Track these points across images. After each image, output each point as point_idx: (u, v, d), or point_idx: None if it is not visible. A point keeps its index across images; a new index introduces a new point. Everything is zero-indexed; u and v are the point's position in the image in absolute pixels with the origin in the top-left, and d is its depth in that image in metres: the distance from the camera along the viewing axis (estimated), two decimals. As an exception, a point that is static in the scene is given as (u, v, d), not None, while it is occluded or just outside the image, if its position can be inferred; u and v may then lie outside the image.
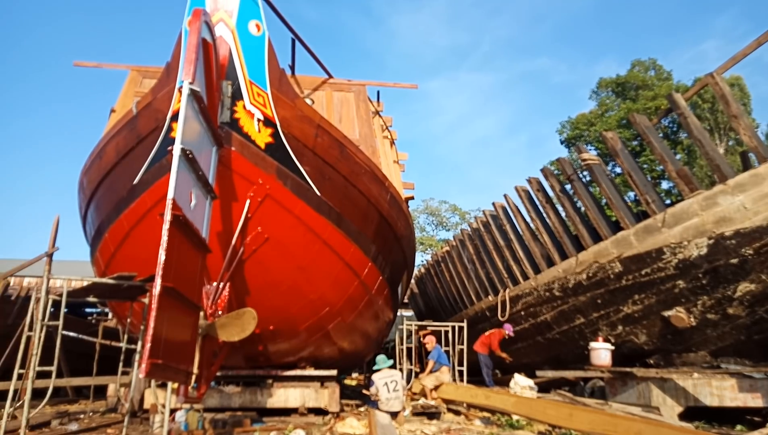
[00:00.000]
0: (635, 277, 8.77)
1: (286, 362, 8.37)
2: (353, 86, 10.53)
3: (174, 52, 6.34)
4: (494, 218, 13.00)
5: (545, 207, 11.17)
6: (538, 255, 11.40)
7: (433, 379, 10.19)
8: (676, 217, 8.09)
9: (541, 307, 11.10)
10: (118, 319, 9.39)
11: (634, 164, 9.61)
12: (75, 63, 9.99)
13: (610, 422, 5.11)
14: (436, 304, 18.23)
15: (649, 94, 27.91)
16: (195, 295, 5.24)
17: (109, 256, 7.50)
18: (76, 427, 7.06)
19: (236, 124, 6.26)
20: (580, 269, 9.72)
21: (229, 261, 6.39)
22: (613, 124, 27.04)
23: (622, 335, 9.57)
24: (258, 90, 6.37)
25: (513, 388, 9.38)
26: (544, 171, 11.06)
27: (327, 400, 8.03)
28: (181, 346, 4.81)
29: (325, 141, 7.00)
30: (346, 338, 9.04)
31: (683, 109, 8.46)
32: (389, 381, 8.19)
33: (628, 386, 8.27)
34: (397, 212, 8.92)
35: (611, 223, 10.07)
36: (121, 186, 6.89)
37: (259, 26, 6.38)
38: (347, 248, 7.61)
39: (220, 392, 7.68)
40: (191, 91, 5.03)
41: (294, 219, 6.83)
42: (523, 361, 11.93)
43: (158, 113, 6.40)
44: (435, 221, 42.81)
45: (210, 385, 6.99)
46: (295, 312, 7.52)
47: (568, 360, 10.79)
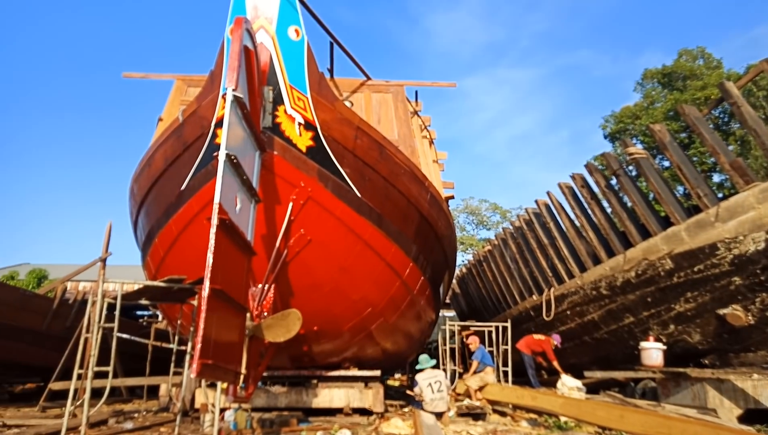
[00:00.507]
0: (687, 274, 8.44)
1: (330, 363, 8.45)
2: (391, 87, 10.55)
3: (217, 60, 6.51)
4: (537, 216, 12.76)
5: (590, 203, 10.88)
6: (584, 253, 11.12)
7: (478, 380, 10.08)
8: (731, 210, 7.75)
9: (588, 306, 10.82)
10: (168, 321, 9.70)
11: (684, 157, 9.26)
12: (124, 74, 10.38)
13: (664, 424, 4.93)
14: (478, 304, 18.04)
15: (697, 84, 26.80)
16: (242, 297, 5.36)
17: (159, 260, 7.76)
18: (131, 426, 7.33)
19: (278, 129, 6.37)
20: (629, 267, 9.43)
21: (273, 263, 6.51)
22: (659, 117, 26.10)
23: (674, 334, 9.23)
24: (298, 94, 6.47)
25: (560, 389, 9.18)
26: (589, 166, 10.78)
27: (371, 400, 8.06)
28: (230, 347, 4.93)
29: (364, 142, 7.04)
30: (389, 338, 9.05)
31: (736, 98, 8.09)
32: (433, 381, 8.16)
33: (682, 387, 7.96)
34: (438, 212, 8.88)
35: (660, 219, 9.72)
36: (169, 192, 7.12)
37: (299, 31, 6.47)
38: (388, 248, 7.63)
39: (267, 392, 7.82)
40: (234, 98, 5.16)
41: (335, 220, 6.90)
42: (569, 362, 11.66)
43: (203, 120, 6.58)
44: (475, 220, 42.38)
45: (257, 385, 7.14)
46: (338, 313, 7.59)
47: (617, 360, 10.49)
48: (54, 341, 10.84)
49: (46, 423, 7.35)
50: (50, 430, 6.80)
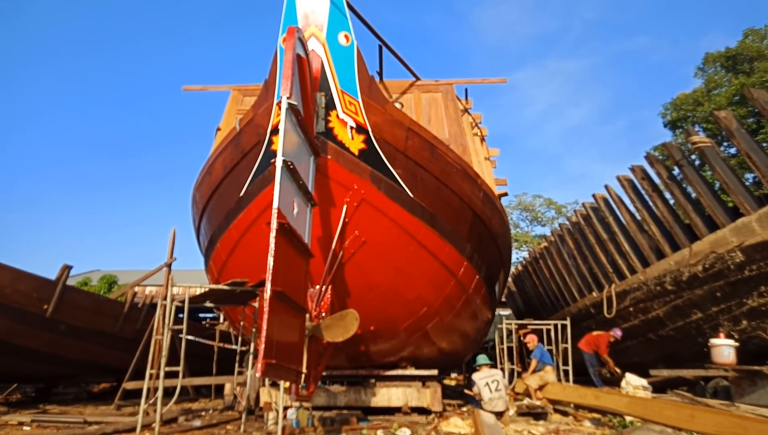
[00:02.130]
0: (760, 267, 7.99)
1: (387, 362, 8.53)
2: (440, 86, 10.53)
3: (271, 70, 6.71)
4: (595, 211, 12.40)
5: (652, 196, 10.47)
6: (646, 247, 10.72)
7: (537, 379, 9.91)
8: (807, 198, 7.29)
9: (652, 302, 10.43)
10: (231, 323, 10.07)
11: (753, 144, 8.75)
12: (184, 88, 10.87)
13: (740, 425, 4.70)
14: (535, 301, 17.70)
15: (766, 66, 25.23)
16: (301, 298, 5.50)
17: (221, 264, 8.07)
18: (199, 423, 7.66)
19: (331, 133, 6.50)
20: (695, 260, 9.02)
21: (330, 265, 6.64)
22: (723, 102, 24.73)
23: (747, 331, 8.76)
24: (349, 98, 6.58)
25: (625, 388, 8.89)
26: (649, 157, 10.38)
27: (429, 399, 8.08)
28: (291, 347, 5.08)
29: (415, 143, 7.07)
30: (445, 338, 9.04)
31: (809, 79, 7.60)
32: (490, 381, 8.09)
33: (758, 386, 7.55)
34: (491, 209, 8.80)
35: (728, 210, 9.23)
36: (229, 198, 7.39)
37: (348, 37, 6.58)
38: (442, 248, 7.63)
39: (327, 391, 7.98)
40: (289, 105, 5.31)
41: (389, 221, 6.96)
42: (633, 360, 11.28)
43: (259, 128, 6.80)
44: (529, 217, 41.54)
45: (317, 385, 7.30)
46: (394, 312, 7.65)
47: (684, 358, 10.06)
48: (126, 343, 11.45)
49: (123, 420, 7.80)
50: (127, 427, 7.21)
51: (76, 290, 12.01)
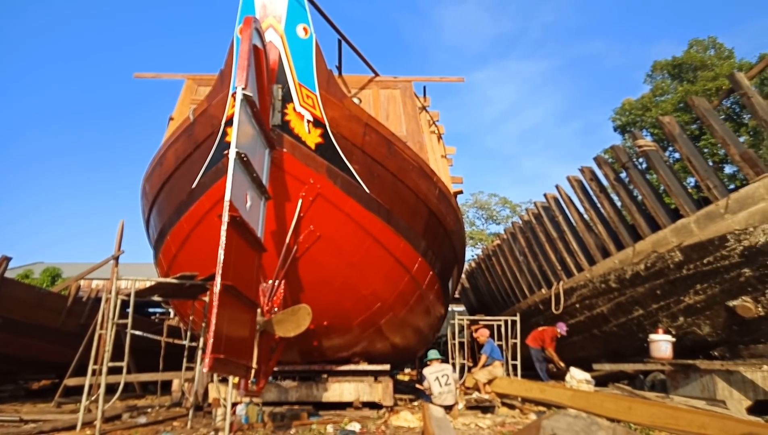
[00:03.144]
0: (697, 266, 8.43)
1: (340, 357, 8.54)
2: (399, 83, 10.58)
3: (227, 60, 6.59)
4: (546, 210, 12.76)
5: (599, 196, 10.87)
6: (593, 246, 11.12)
7: (486, 374, 10.14)
8: (741, 202, 7.72)
9: (597, 299, 10.83)
10: (180, 318, 9.84)
11: (694, 149, 9.22)
12: (135, 75, 10.51)
13: (672, 415, 4.97)
14: (487, 298, 18.07)
15: (708, 75, 26.53)
16: (252, 293, 5.45)
17: (171, 258, 7.87)
18: (144, 420, 7.46)
19: (287, 126, 6.44)
20: (638, 259, 9.42)
21: (283, 259, 6.59)
22: (669, 109, 25.88)
23: (683, 327, 9.23)
24: (307, 92, 6.53)
25: (569, 382, 9.21)
26: (597, 159, 10.76)
27: (381, 394, 8.14)
28: (241, 342, 5.02)
29: (373, 139, 7.09)
30: (398, 333, 9.12)
31: (746, 89, 8.05)
32: (440, 375, 8.23)
33: (691, 379, 7.97)
34: (446, 207, 8.92)
35: (670, 211, 9.69)
36: (180, 190, 7.21)
37: (307, 29, 6.53)
38: (397, 244, 7.69)
39: (278, 387, 7.92)
40: (244, 97, 5.24)
41: (345, 217, 6.96)
42: (578, 355, 11.69)
43: (213, 119, 6.66)
44: (485, 215, 42.31)
45: (268, 380, 7.24)
46: (348, 308, 7.66)
47: (626, 353, 10.49)
48: (68, 338, 11.01)
49: (62, 418, 7.50)
50: (66, 425, 6.94)
51: (15, 283, 11.48)
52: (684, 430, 4.89)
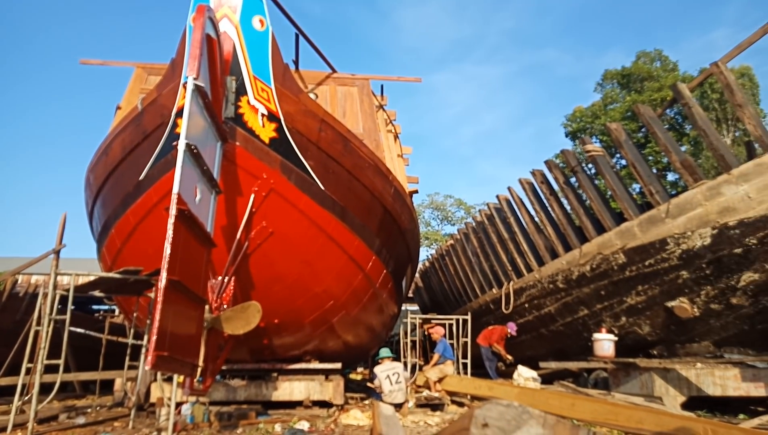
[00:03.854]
0: (639, 268, 8.78)
1: (291, 356, 8.45)
2: (357, 80, 10.55)
3: (179, 49, 6.40)
4: (498, 211, 13.00)
5: (549, 199, 11.17)
6: (542, 247, 11.41)
7: (437, 372, 10.25)
8: (680, 207, 8.09)
9: (545, 299, 11.13)
10: (125, 315, 9.49)
11: (639, 155, 9.60)
12: (81, 61, 10.07)
13: (612, 411, 5.16)
14: (440, 297, 18.28)
15: (654, 86, 27.74)
16: (200, 289, 5.31)
17: (115, 252, 7.58)
18: (83, 421, 7.16)
19: (240, 120, 6.31)
20: (584, 261, 9.73)
21: (234, 255, 6.46)
22: (617, 117, 26.90)
23: (625, 326, 9.59)
24: (262, 85, 6.42)
25: (516, 380, 9.43)
26: (548, 163, 11.05)
27: (332, 392, 8.10)
28: (187, 339, 4.88)
29: (328, 135, 7.04)
30: (351, 331, 9.10)
31: (687, 99, 8.43)
32: (391, 373, 8.27)
33: (631, 377, 8.29)
34: (401, 206, 8.96)
35: (615, 215, 10.06)
36: (127, 182, 6.96)
37: (263, 21, 6.42)
38: (351, 242, 7.67)
39: (226, 386, 7.76)
40: (195, 87, 5.10)
41: (298, 213, 6.89)
42: (527, 354, 11.97)
43: (163, 109, 6.46)
44: (440, 216, 42.82)
45: (215, 379, 7.08)
46: (300, 305, 7.59)
47: (572, 352, 10.81)
48: (3, 335, 10.44)
49: (-6, 419, 7.10)
50: (-4, 427, 6.58)
51: (-56, 276, 10.78)
52: (623, 426, 5.08)
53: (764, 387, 7.38)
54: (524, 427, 2.49)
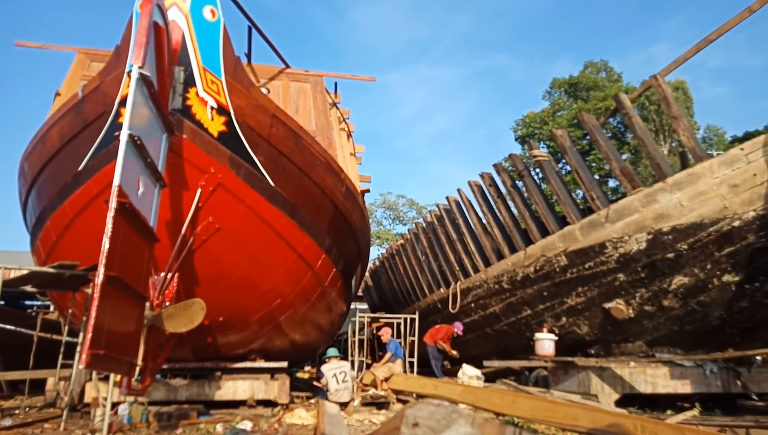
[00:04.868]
0: (579, 271, 9.12)
1: (236, 354, 8.30)
2: (310, 77, 10.48)
3: (124, 36, 6.18)
4: (448, 212, 13.21)
5: (497, 202, 11.45)
6: (489, 248, 11.67)
7: (386, 370, 10.31)
8: (619, 212, 8.46)
9: (491, 299, 11.39)
10: (60, 311, 9.06)
11: (582, 162, 9.98)
12: (17, 43, 9.56)
13: (550, 408, 5.35)
14: (389, 296, 18.39)
15: (599, 95, 28.89)
16: (141, 285, 5.14)
17: (50, 245, 7.23)
18: (9, 423, 6.79)
19: (188, 112, 6.16)
20: (528, 262, 10.03)
21: (177, 251, 6.30)
22: (564, 124, 27.86)
23: (565, 326, 9.95)
24: (212, 77, 6.29)
25: (461, 378, 9.61)
26: (497, 166, 11.32)
27: (277, 392, 8.02)
28: (125, 337, 4.72)
29: (280, 131, 6.96)
30: (298, 330, 9.03)
31: (628, 110, 8.83)
32: (338, 372, 8.27)
33: (570, 375, 8.62)
34: (352, 205, 8.96)
35: (559, 219, 10.42)
36: (65, 172, 6.66)
37: (214, 12, 6.29)
38: (301, 240, 7.61)
39: (167, 385, 7.55)
40: (141, 76, 4.94)
41: (246, 209, 6.78)
42: (472, 352, 12.21)
43: (106, 97, 6.22)
44: (392, 215, 43.04)
45: (155, 378, 6.88)
46: (246, 303, 7.47)
47: (515, 351, 11.12)
48: None
49: None
50: None
51: None
52: (560, 422, 5.28)
53: (690, 384, 7.84)
54: (453, 426, 2.56)
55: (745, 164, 7.42)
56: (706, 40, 8.23)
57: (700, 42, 8.33)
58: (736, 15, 7.87)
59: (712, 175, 7.59)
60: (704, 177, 7.64)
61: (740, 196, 7.44)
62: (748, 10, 7.72)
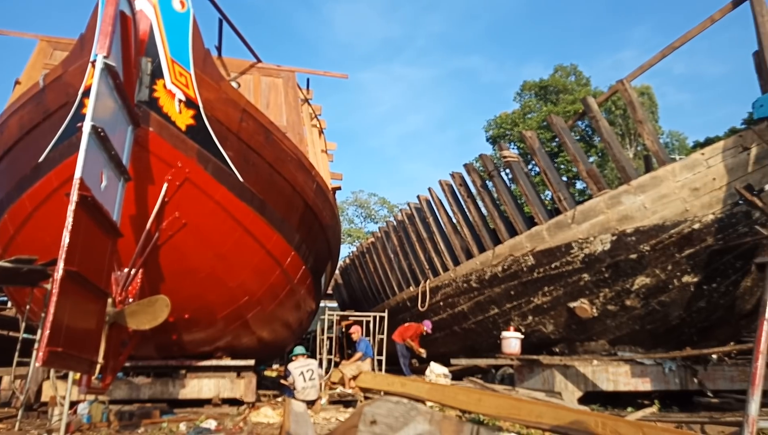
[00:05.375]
0: (546, 270, 9.28)
1: (202, 352, 8.17)
2: (282, 72, 10.37)
3: (89, 24, 5.99)
4: (418, 211, 13.27)
5: (467, 201, 11.55)
6: (458, 247, 11.78)
7: (354, 368, 10.30)
8: (585, 214, 8.64)
9: (459, 298, 11.49)
10: (17, 307, 8.76)
11: (550, 163, 10.14)
12: (-27, 27, 9.15)
13: (515, 406, 5.43)
14: (359, 294, 18.38)
15: (569, 99, 29.44)
16: (102, 281, 5.00)
17: (7, 239, 6.97)
18: (-38, 423, 6.54)
19: (155, 104, 6.03)
20: (497, 262, 10.15)
21: (142, 246, 6.15)
22: (534, 126, 28.29)
23: (531, 325, 10.11)
24: (180, 69, 6.17)
25: (428, 376, 9.67)
26: (467, 166, 11.42)
27: (243, 390, 7.93)
28: (85, 334, 4.59)
29: (250, 126, 6.87)
30: (266, 327, 8.94)
31: (595, 113, 9.02)
32: (305, 370, 8.23)
33: (535, 373, 8.76)
34: (323, 202, 8.91)
35: (527, 219, 10.58)
36: (24, 163, 6.43)
37: (184, 2, 6.18)
38: (270, 236, 7.53)
39: (129, 383, 7.38)
40: (105, 66, 4.81)
41: (214, 205, 6.67)
42: (440, 351, 12.31)
43: (69, 87, 6.03)
44: (364, 213, 43.04)
45: (117, 376, 6.72)
46: (213, 300, 7.35)
47: (482, 349, 11.25)
48: None
49: None
50: None
51: None
52: (524, 420, 5.36)
53: (650, 382, 8.07)
54: (412, 423, 2.57)
55: (706, 169, 7.67)
56: (670, 47, 8.48)
57: (665, 49, 8.57)
58: (699, 24, 8.12)
59: (674, 179, 7.82)
60: (667, 180, 7.87)
61: (700, 200, 7.69)
62: (710, 19, 7.97)
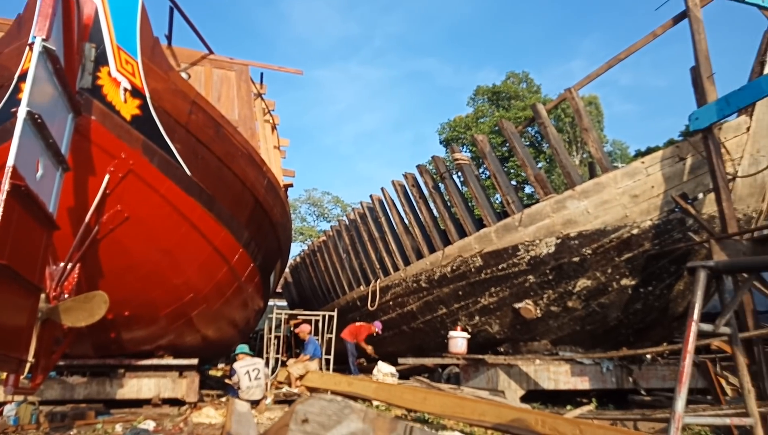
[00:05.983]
0: (493, 271, 9.50)
1: (142, 351, 7.89)
2: (235, 65, 10.17)
3: (28, 4, 5.67)
4: (371, 210, 13.29)
5: (418, 202, 11.67)
6: (409, 248, 11.88)
7: (301, 368, 10.21)
8: (531, 217, 8.89)
9: (409, 297, 11.60)
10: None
11: (500, 167, 10.38)
12: None
13: (459, 404, 5.53)
14: (309, 293, 18.24)
15: (520, 105, 30.19)
16: (35, 276, 4.74)
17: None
18: None
19: (99, 92, 5.77)
20: (446, 262, 10.30)
21: (80, 240, 5.87)
22: (486, 130, 28.85)
23: (478, 325, 10.32)
24: (126, 57, 5.93)
25: (375, 375, 9.70)
26: (420, 168, 11.53)
27: (185, 390, 7.72)
28: (14, 331, 4.34)
29: (199, 118, 6.69)
30: (211, 326, 8.74)
31: (544, 119, 9.30)
32: (251, 369, 8.10)
33: (480, 372, 8.95)
34: (274, 198, 8.79)
35: (476, 221, 10.78)
36: (-50, 149, 6.01)
37: (133, -13, 5.93)
38: (217, 232, 7.36)
39: (62, 383, 7.05)
40: (44, 49, 4.56)
41: (159, 198, 6.45)
42: (388, 350, 12.38)
43: (3, 71, 5.68)
44: (317, 212, 42.70)
45: (49, 375, 6.40)
46: (155, 297, 7.12)
47: (430, 348, 11.39)
48: None
49: None
50: None
51: None
52: (467, 418, 5.47)
53: (588, 381, 8.39)
54: (345, 421, 2.58)
55: (645, 176, 8.04)
56: (615, 59, 8.83)
57: (611, 60, 8.93)
58: (642, 38, 8.51)
59: (615, 186, 8.15)
60: (609, 187, 8.20)
61: (639, 206, 8.06)
62: (653, 34, 8.37)
